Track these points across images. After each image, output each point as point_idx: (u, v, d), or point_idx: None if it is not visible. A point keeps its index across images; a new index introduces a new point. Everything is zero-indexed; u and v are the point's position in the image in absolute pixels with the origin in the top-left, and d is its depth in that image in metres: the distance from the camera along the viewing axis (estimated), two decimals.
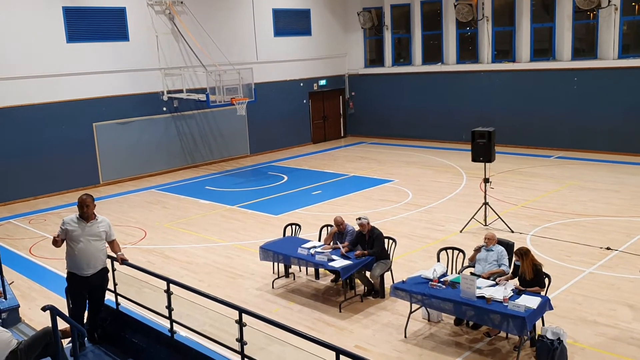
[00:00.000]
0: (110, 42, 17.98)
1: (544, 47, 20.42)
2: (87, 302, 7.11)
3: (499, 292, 7.19)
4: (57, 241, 6.90)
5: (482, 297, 7.14)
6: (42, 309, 5.72)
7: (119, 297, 7.51)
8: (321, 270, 9.75)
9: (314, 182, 17.41)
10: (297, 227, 10.62)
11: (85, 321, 7.13)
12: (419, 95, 23.10)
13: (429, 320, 8.23)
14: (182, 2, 19.36)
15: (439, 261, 8.57)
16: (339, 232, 9.56)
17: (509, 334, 7.48)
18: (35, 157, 16.74)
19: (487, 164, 12.06)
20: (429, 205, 14.20)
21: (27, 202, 16.57)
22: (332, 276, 9.75)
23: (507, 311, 6.82)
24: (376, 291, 9.09)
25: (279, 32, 22.63)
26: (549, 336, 6.93)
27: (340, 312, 8.68)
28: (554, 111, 19.79)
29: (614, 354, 7.20)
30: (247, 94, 18.32)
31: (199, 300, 6.52)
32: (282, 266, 10.01)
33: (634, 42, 18.83)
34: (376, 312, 8.62)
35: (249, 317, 5.75)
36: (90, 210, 6.91)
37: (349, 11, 24.67)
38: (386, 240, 9.22)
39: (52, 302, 8.27)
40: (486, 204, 12.18)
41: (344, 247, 9.15)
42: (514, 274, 7.84)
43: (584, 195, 14.35)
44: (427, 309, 8.03)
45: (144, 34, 18.67)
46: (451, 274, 8.27)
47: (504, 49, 21.31)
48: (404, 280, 7.95)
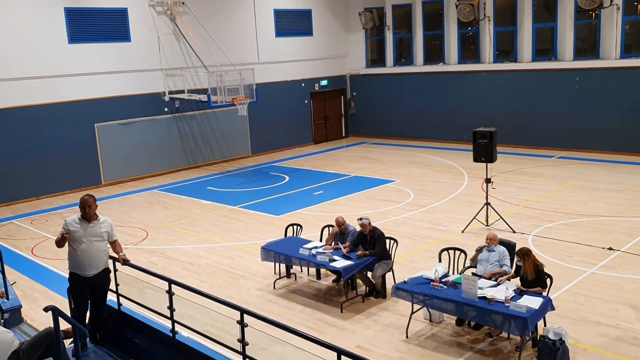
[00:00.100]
0: (111, 42, 17.99)
1: (545, 47, 20.39)
2: (89, 303, 7.12)
3: (500, 293, 7.19)
4: (61, 240, 6.88)
5: (484, 298, 7.13)
6: (44, 309, 5.73)
7: (120, 297, 7.52)
8: (322, 270, 9.74)
9: (315, 182, 17.41)
10: (299, 227, 10.62)
11: (87, 321, 7.14)
12: (420, 95, 23.09)
13: (430, 320, 8.22)
14: (183, 3, 19.38)
15: (440, 261, 8.57)
16: (340, 233, 9.56)
17: (511, 335, 7.47)
18: (37, 158, 16.76)
19: (488, 164, 12.06)
20: (431, 205, 14.19)
21: (29, 203, 16.60)
22: (334, 276, 9.75)
23: (509, 311, 6.82)
24: (378, 291, 9.09)
25: (281, 32, 22.63)
26: (551, 336, 6.93)
27: (341, 312, 8.68)
28: (555, 111, 19.77)
29: (616, 355, 7.19)
30: (248, 95, 18.33)
31: (201, 300, 6.52)
32: (283, 266, 10.01)
33: (636, 42, 18.81)
34: (378, 313, 8.62)
35: (251, 318, 5.75)
36: (92, 210, 6.92)
37: (351, 11, 24.67)
38: (388, 240, 9.21)
39: (54, 302, 8.27)
40: (488, 204, 12.17)
41: (345, 247, 9.15)
42: (515, 275, 7.84)
43: (586, 195, 14.33)
44: (429, 309, 8.03)
45: (145, 34, 18.69)
46: (453, 274, 8.26)
47: (506, 49, 21.29)
48: (406, 280, 7.95)
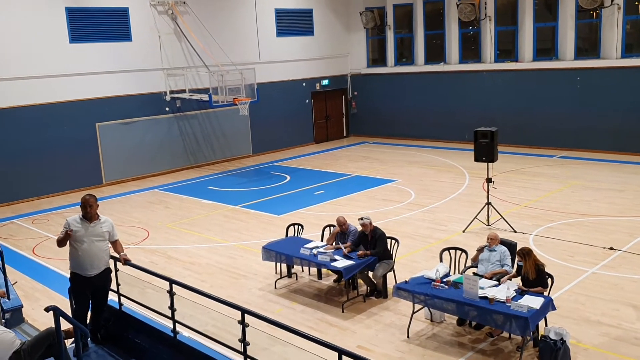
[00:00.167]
0: (113, 42, 18.00)
1: (546, 47, 20.38)
2: (90, 303, 7.12)
3: (501, 293, 7.18)
4: (63, 239, 6.85)
5: (485, 298, 7.13)
6: (46, 309, 5.74)
7: (121, 297, 7.52)
8: (324, 270, 9.74)
9: (316, 182, 17.41)
10: (300, 227, 10.62)
11: (88, 321, 7.15)
12: (421, 95, 23.08)
13: (431, 320, 8.22)
14: (184, 2, 19.38)
15: (441, 261, 8.57)
16: (341, 232, 9.56)
17: (512, 334, 7.46)
18: (38, 158, 16.77)
19: (489, 164, 12.05)
20: (432, 205, 14.19)
21: (31, 202, 16.61)
22: (335, 276, 9.75)
23: (510, 311, 6.81)
24: (379, 291, 9.09)
25: (282, 32, 22.63)
26: (552, 336, 6.92)
27: (342, 312, 8.68)
28: (556, 111, 19.76)
29: (617, 355, 7.18)
30: (249, 94, 18.34)
31: (202, 300, 6.53)
32: (284, 266, 10.01)
33: (637, 42, 18.79)
34: (379, 313, 8.62)
35: (252, 318, 5.76)
36: (93, 210, 6.92)
37: (352, 11, 24.66)
38: (389, 240, 9.21)
39: (55, 302, 8.28)
40: (489, 203, 12.17)
41: (346, 247, 9.15)
42: (516, 274, 7.83)
43: (587, 195, 14.32)
44: (430, 309, 8.03)
45: (146, 34, 18.69)
46: (454, 274, 8.26)
47: (507, 49, 21.28)
48: (407, 280, 7.94)
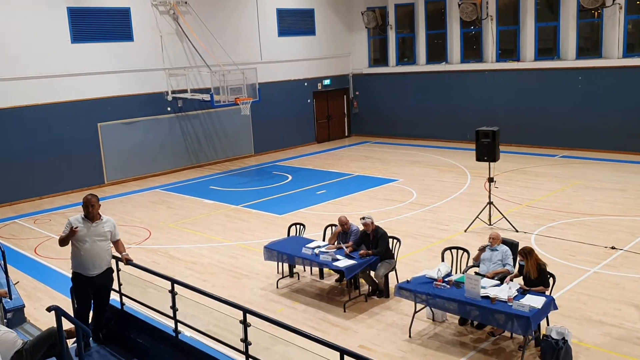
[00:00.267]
0: (114, 42, 18.01)
1: (548, 46, 20.37)
2: (92, 302, 7.13)
3: (503, 292, 7.18)
4: (67, 237, 6.79)
5: (487, 297, 7.13)
6: (47, 309, 5.74)
7: (123, 297, 7.53)
8: (325, 270, 9.74)
9: (318, 181, 17.41)
10: (302, 226, 10.61)
11: (90, 321, 7.15)
12: (423, 94, 23.07)
13: (433, 320, 8.22)
14: (186, 2, 19.38)
15: (443, 261, 8.57)
16: (343, 232, 9.56)
17: (514, 334, 7.46)
18: (40, 157, 16.79)
19: (491, 164, 12.04)
20: (434, 204, 14.18)
21: (32, 202, 16.63)
22: (337, 276, 9.75)
23: (512, 311, 6.81)
24: (380, 291, 9.09)
25: (283, 31, 22.64)
26: (554, 336, 6.92)
27: (344, 312, 8.68)
28: (558, 110, 19.74)
29: (619, 354, 7.18)
30: (251, 94, 18.35)
31: (204, 300, 6.54)
32: (286, 266, 10.02)
33: (638, 41, 18.76)
34: (380, 312, 8.62)
35: (254, 317, 5.76)
36: (95, 210, 6.92)
37: (353, 11, 24.66)
38: (390, 239, 9.21)
39: (57, 302, 8.30)
40: (490, 203, 12.16)
41: (347, 247, 9.16)
42: (518, 274, 7.83)
43: (589, 194, 14.31)
44: (432, 308, 8.03)
45: (148, 34, 18.71)
46: (455, 273, 8.25)
47: (509, 48, 21.27)
48: (409, 280, 7.95)
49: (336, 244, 9.45)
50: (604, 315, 8.16)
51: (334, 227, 10.01)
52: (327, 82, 24.45)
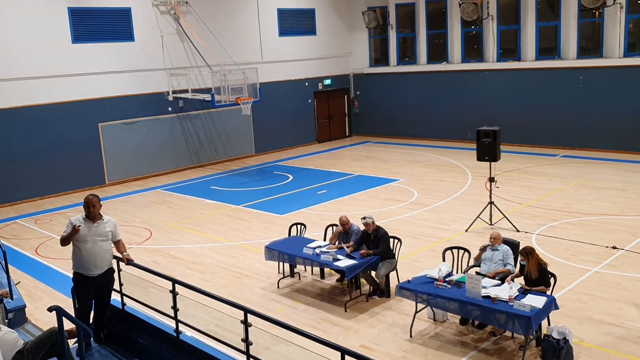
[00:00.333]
0: (115, 42, 18.02)
1: (549, 46, 20.35)
2: (93, 302, 7.13)
3: (504, 292, 7.18)
4: (69, 236, 6.76)
5: (488, 297, 7.12)
6: (49, 309, 5.74)
7: (124, 297, 7.53)
8: (326, 269, 9.74)
9: (319, 181, 17.41)
10: (302, 226, 10.61)
11: (91, 321, 7.16)
12: (423, 94, 23.07)
13: (434, 319, 8.22)
14: (187, 2, 19.39)
15: (444, 260, 8.56)
16: (344, 232, 9.56)
17: (515, 334, 7.46)
18: (41, 158, 16.80)
19: (492, 163, 12.04)
20: (434, 204, 14.18)
21: (33, 202, 16.64)
22: (338, 276, 9.76)
23: (513, 311, 6.81)
24: (381, 291, 9.09)
25: (284, 31, 22.64)
26: (555, 335, 6.92)
27: (345, 311, 8.68)
28: (559, 110, 19.73)
29: (620, 354, 7.18)
30: (252, 94, 18.36)
31: (204, 300, 6.54)
32: (287, 266, 10.02)
33: (639, 41, 18.75)
34: (381, 312, 8.62)
35: (255, 317, 5.77)
36: (96, 210, 6.93)
37: (354, 10, 24.66)
38: (391, 239, 9.21)
39: (58, 302, 8.31)
40: (491, 203, 12.16)
41: (348, 246, 9.16)
42: (519, 274, 7.83)
43: (590, 194, 14.30)
44: (433, 308, 8.03)
45: (149, 34, 18.72)
46: (456, 273, 8.26)
47: (509, 48, 21.26)
48: (410, 279, 7.95)
49: (337, 243, 9.45)
50: (605, 314, 8.15)
51: (334, 227, 10.01)
52: (327, 82, 24.46)
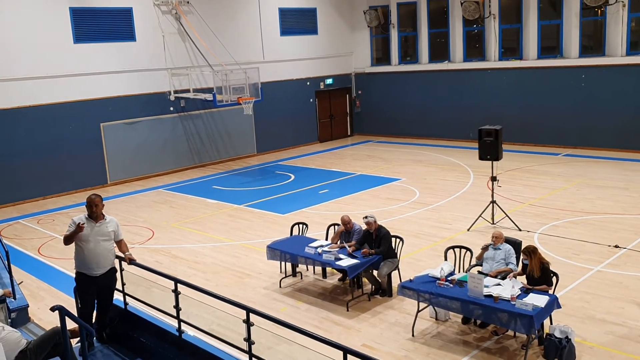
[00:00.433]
0: (117, 42, 18.04)
1: (551, 45, 20.33)
2: (96, 302, 7.14)
3: (506, 291, 7.18)
4: (72, 235, 6.74)
5: (490, 296, 7.12)
6: (51, 309, 5.75)
7: (127, 296, 7.54)
8: (328, 269, 9.75)
9: (320, 181, 17.42)
10: (304, 226, 10.62)
11: (93, 321, 7.17)
12: (425, 93, 23.06)
13: (436, 319, 8.22)
14: (188, 2, 19.40)
15: (446, 260, 8.56)
16: (346, 231, 9.56)
17: (517, 333, 7.46)
18: (43, 158, 16.82)
19: (494, 162, 12.01)
20: (436, 203, 14.17)
21: (36, 202, 16.66)
22: (340, 275, 9.76)
23: (515, 310, 6.81)
24: (383, 290, 9.09)
25: (285, 31, 22.64)
26: (557, 334, 6.92)
27: (347, 311, 8.68)
28: (561, 109, 19.71)
29: (622, 352, 7.17)
30: (253, 94, 18.37)
31: (207, 299, 6.54)
32: (289, 265, 10.03)
33: None
34: (384, 311, 8.62)
35: (257, 317, 5.77)
36: (99, 210, 6.93)
37: (355, 10, 24.65)
38: (393, 239, 9.22)
39: (61, 302, 8.32)
40: (493, 202, 12.15)
41: (350, 246, 9.16)
42: (521, 273, 7.83)
43: (592, 193, 14.29)
44: (435, 307, 8.03)
45: (150, 34, 18.73)
46: (458, 272, 8.26)
47: (511, 47, 21.24)
48: (412, 279, 7.94)
49: (339, 243, 9.45)
50: (607, 313, 8.15)
51: (336, 227, 10.00)
52: (329, 81, 24.45)
